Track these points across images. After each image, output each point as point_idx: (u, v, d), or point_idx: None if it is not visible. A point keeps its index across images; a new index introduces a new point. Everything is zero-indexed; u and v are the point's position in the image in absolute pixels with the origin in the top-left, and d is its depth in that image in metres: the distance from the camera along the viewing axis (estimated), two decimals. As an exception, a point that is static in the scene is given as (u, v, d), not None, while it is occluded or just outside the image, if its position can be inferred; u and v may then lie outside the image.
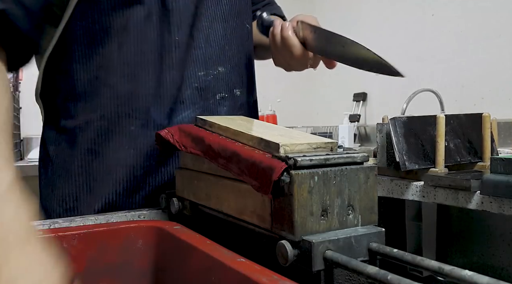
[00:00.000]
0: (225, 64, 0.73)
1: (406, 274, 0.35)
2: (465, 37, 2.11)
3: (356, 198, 0.41)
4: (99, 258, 0.47)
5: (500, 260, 0.87)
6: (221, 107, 0.73)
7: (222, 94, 0.73)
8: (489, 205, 0.62)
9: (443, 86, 2.02)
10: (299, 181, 0.38)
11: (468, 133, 0.77)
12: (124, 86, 0.66)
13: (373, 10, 2.64)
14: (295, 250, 0.38)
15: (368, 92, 2.69)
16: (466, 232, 0.94)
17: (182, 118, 0.69)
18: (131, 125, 0.67)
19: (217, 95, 0.72)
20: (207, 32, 0.71)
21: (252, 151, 0.43)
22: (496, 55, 1.98)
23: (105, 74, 0.66)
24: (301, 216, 0.38)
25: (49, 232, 0.46)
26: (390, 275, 0.32)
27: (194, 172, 0.55)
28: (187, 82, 0.69)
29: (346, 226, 0.41)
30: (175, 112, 0.69)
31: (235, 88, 0.75)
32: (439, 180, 0.68)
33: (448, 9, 2.19)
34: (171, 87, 0.68)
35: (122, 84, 0.66)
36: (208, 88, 0.71)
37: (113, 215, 0.58)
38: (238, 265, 0.36)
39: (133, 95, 0.66)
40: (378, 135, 0.76)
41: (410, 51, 2.38)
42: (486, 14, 2.02)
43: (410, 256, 0.36)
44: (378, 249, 0.39)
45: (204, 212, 0.53)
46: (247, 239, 0.46)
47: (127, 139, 0.67)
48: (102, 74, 0.66)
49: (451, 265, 0.33)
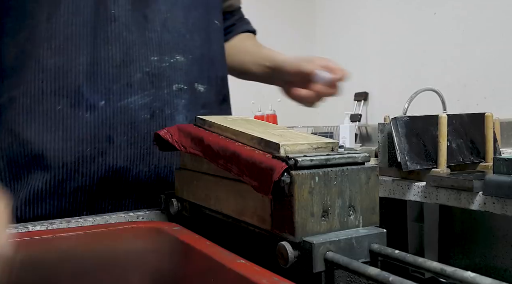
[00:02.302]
0: (184, 53, 0.69)
1: (407, 276, 0.35)
2: (468, 36, 2.11)
3: (357, 199, 0.41)
4: (98, 259, 0.47)
5: (503, 261, 0.87)
6: (179, 99, 0.68)
7: (180, 86, 0.68)
8: (492, 206, 0.61)
9: (445, 86, 2.02)
10: (299, 181, 0.38)
11: (471, 133, 0.77)
12: (50, 60, 0.61)
13: (374, 9, 2.63)
14: (296, 251, 0.38)
15: (369, 92, 2.68)
16: (468, 233, 0.94)
17: (127, 102, 0.64)
18: (57, 104, 0.61)
19: (173, 85, 0.67)
20: (165, 16, 0.67)
21: (252, 151, 0.43)
22: (499, 54, 1.97)
23: (32, 47, 0.61)
24: (301, 217, 0.38)
25: (47, 233, 0.46)
26: (391, 276, 0.32)
27: (193, 173, 0.55)
28: (136, 64, 0.64)
29: (347, 227, 0.40)
30: (118, 95, 0.63)
31: (196, 82, 0.71)
32: (441, 181, 0.67)
33: (450, 7, 2.19)
34: (109, 65, 0.63)
35: (48, 58, 0.61)
36: (162, 76, 0.66)
37: (111, 216, 0.58)
38: (238, 266, 0.36)
39: (61, 70, 0.61)
40: (379, 135, 0.76)
41: (412, 50, 2.38)
42: (488, 13, 2.01)
43: (412, 258, 0.36)
44: (379, 250, 0.39)
45: (204, 213, 0.53)
46: (247, 240, 0.46)
47: (53, 120, 0.61)
48: (28, 47, 0.62)
49: (454, 267, 0.33)
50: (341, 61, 0.73)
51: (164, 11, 0.67)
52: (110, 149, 0.63)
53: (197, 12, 0.72)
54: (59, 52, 0.61)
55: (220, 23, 0.78)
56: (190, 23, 0.70)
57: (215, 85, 0.75)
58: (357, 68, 2.69)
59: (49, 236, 0.45)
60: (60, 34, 0.61)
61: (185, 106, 0.69)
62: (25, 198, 0.61)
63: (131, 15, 0.65)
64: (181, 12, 0.69)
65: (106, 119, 0.63)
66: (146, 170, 0.66)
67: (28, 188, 0.61)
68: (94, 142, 0.62)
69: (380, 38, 2.57)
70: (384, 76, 2.57)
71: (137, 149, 0.65)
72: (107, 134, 0.63)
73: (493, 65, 2.00)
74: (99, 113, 0.62)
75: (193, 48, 0.70)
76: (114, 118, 0.63)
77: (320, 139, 0.45)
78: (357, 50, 2.72)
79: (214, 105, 0.75)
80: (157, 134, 0.57)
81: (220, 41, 0.78)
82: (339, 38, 2.90)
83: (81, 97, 0.61)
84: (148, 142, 0.65)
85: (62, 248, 0.46)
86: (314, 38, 3.10)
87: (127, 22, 0.64)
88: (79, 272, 0.46)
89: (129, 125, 0.64)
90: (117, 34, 0.63)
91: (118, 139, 0.63)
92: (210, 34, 0.74)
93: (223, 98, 0.79)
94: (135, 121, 0.64)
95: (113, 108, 0.63)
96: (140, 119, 0.65)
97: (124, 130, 0.64)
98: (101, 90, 0.62)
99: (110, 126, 0.63)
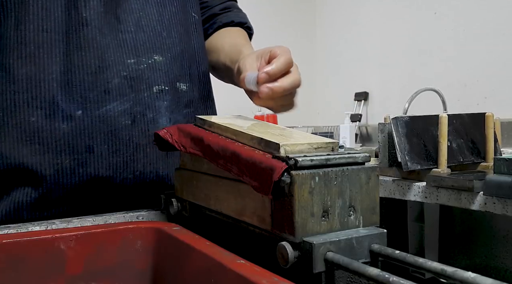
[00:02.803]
0: (163, 52, 0.65)
1: (408, 276, 0.35)
2: (468, 35, 2.11)
3: (358, 199, 0.41)
4: (97, 259, 0.47)
5: (504, 261, 0.87)
6: (160, 101, 0.64)
7: (161, 87, 0.64)
8: (493, 206, 0.61)
9: (446, 85, 2.02)
10: (299, 181, 0.38)
11: (471, 133, 0.77)
12: (21, 69, 0.58)
13: (374, 8, 2.63)
14: (296, 251, 0.37)
15: (370, 91, 2.68)
16: (469, 233, 0.94)
17: (106, 110, 0.61)
18: (31, 116, 0.58)
19: (154, 87, 0.64)
20: (138, 15, 0.64)
21: (252, 151, 0.43)
22: (499, 53, 1.97)
23: (1, 56, 0.59)
24: (301, 217, 0.38)
25: (46, 233, 0.46)
26: (392, 277, 0.32)
27: (193, 173, 0.54)
28: (112, 69, 0.61)
29: (348, 227, 0.40)
30: (95, 103, 0.60)
31: (178, 82, 0.67)
32: (441, 181, 0.67)
33: (451, 7, 2.18)
34: (84, 72, 0.60)
35: (19, 67, 0.58)
36: (141, 78, 0.63)
37: (111, 216, 0.58)
38: (238, 266, 0.36)
39: (34, 80, 0.58)
40: (379, 135, 0.76)
41: (412, 49, 2.38)
42: (489, 12, 2.01)
43: (412, 258, 0.36)
44: (379, 250, 0.38)
45: (204, 213, 0.53)
46: (247, 240, 0.46)
47: (28, 133, 0.58)
48: None
49: (454, 267, 0.33)
50: (341, 61, 0.71)
51: (137, 10, 0.64)
52: (90, 159, 0.61)
53: (172, 7, 0.68)
54: (30, 60, 0.59)
55: (198, 15, 0.74)
56: (165, 19, 0.66)
57: (198, 82, 0.72)
58: (358, 67, 2.69)
59: (48, 236, 0.45)
60: (30, 41, 0.59)
61: (167, 108, 0.65)
62: (6, 211, 0.60)
63: (104, 18, 0.62)
64: (154, 8, 0.65)
65: (85, 129, 0.60)
66: (131, 177, 0.63)
67: (9, 201, 0.60)
68: (73, 153, 0.60)
69: (380, 38, 2.57)
70: (384, 76, 2.57)
71: (120, 157, 0.62)
72: (87, 144, 0.60)
73: (493, 65, 2.00)
74: (77, 123, 0.60)
75: (172, 46, 0.67)
76: (92, 128, 0.61)
77: (320, 139, 0.45)
78: (357, 50, 2.72)
79: (198, 103, 0.72)
80: (157, 134, 0.57)
81: (199, 34, 0.74)
82: (339, 38, 2.90)
83: (57, 108, 0.59)
84: (131, 149, 0.63)
85: (61, 248, 0.46)
86: (314, 38, 3.10)
87: (100, 25, 0.61)
88: (78, 273, 0.46)
89: (109, 133, 0.61)
90: (91, 39, 0.60)
91: (99, 148, 0.61)
92: (188, 28, 0.70)
93: (207, 94, 0.75)
94: (115, 129, 0.62)
95: (91, 118, 0.60)
96: (121, 126, 0.62)
97: (104, 139, 0.61)
98: (77, 99, 0.60)
99: (89, 135, 0.61)
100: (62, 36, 0.59)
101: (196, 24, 0.73)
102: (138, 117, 0.63)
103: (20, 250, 0.44)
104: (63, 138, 0.59)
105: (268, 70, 0.55)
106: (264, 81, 0.55)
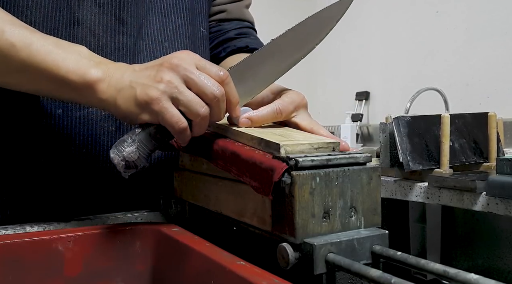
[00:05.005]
0: None
1: (410, 278, 0.34)
2: (470, 34, 2.10)
3: (359, 200, 0.41)
4: (96, 260, 0.47)
5: (507, 263, 0.86)
6: None
7: None
8: (495, 206, 0.61)
9: (448, 85, 2.01)
10: (300, 182, 0.37)
11: (474, 133, 0.76)
12: None
13: (375, 7, 2.63)
14: (296, 252, 0.37)
15: (371, 91, 2.67)
16: (471, 234, 0.93)
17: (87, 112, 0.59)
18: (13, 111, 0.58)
19: None
20: (141, 22, 0.63)
21: (252, 152, 0.43)
22: (502, 53, 1.97)
23: None
24: (302, 218, 0.37)
25: (44, 234, 0.46)
26: (393, 278, 0.31)
27: (193, 173, 0.54)
28: None
29: (349, 228, 0.40)
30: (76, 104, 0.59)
31: None
32: (443, 181, 0.67)
33: (452, 6, 2.18)
34: None
35: None
36: None
37: (110, 217, 0.57)
38: (238, 268, 0.35)
39: None
40: (381, 135, 0.75)
41: (414, 49, 2.37)
42: (491, 11, 2.01)
43: (414, 259, 0.35)
44: (381, 251, 0.38)
45: (203, 214, 0.52)
46: (247, 241, 0.45)
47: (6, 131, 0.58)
48: None
49: (456, 268, 0.32)
50: (342, 60, 0.71)
51: (141, 16, 0.63)
52: (66, 161, 0.59)
53: (179, 18, 0.67)
54: None
55: (206, 31, 0.74)
56: (168, 29, 0.66)
57: None
58: (359, 67, 2.69)
59: (46, 237, 0.45)
60: None
61: None
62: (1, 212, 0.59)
63: (100, 19, 0.61)
64: (157, 18, 0.65)
65: (63, 129, 0.59)
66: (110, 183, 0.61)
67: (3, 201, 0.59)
68: (51, 152, 0.59)
69: (381, 37, 2.57)
70: (385, 75, 2.57)
71: (99, 163, 0.60)
72: (64, 145, 0.59)
73: (496, 64, 1.99)
74: (56, 122, 0.59)
75: None
76: (71, 129, 0.59)
77: (321, 139, 0.45)
78: (358, 49, 2.72)
79: None
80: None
81: (206, 48, 0.74)
82: (340, 38, 2.89)
83: (38, 104, 0.58)
84: None
85: (59, 249, 0.45)
86: (316, 38, 3.09)
87: (93, 26, 0.60)
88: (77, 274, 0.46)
89: (89, 137, 0.60)
90: (80, 39, 0.59)
91: (76, 150, 0.59)
92: (195, 42, 0.70)
93: None
94: (96, 133, 0.60)
95: (71, 118, 0.59)
96: (103, 131, 0.60)
97: (83, 143, 0.59)
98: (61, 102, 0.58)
99: (67, 136, 0.59)
100: (50, 32, 0.58)
101: (204, 39, 0.73)
102: (124, 124, 0.61)
103: (17, 252, 0.43)
104: (41, 136, 0.58)
105: (252, 116, 0.52)
106: (245, 125, 0.52)
